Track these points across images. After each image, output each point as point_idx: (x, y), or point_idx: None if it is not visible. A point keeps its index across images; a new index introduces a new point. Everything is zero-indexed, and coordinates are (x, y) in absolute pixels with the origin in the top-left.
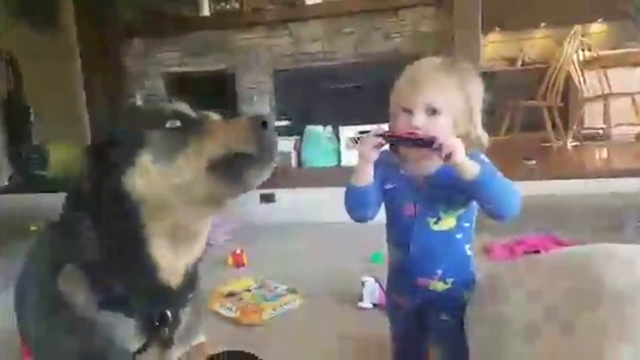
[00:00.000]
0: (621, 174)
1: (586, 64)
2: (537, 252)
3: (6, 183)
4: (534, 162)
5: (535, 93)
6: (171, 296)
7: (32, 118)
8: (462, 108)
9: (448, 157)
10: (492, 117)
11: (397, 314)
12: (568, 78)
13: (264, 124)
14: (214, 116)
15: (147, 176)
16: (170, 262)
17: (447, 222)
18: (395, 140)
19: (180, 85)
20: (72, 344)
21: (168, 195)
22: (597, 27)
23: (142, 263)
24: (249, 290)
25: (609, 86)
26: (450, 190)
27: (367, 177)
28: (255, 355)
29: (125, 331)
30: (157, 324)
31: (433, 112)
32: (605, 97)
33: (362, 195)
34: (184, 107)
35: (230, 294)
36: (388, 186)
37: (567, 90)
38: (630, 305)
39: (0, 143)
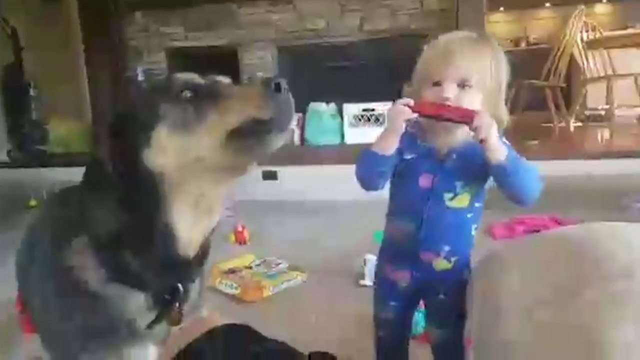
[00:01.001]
0: (622, 155)
1: (590, 45)
2: (537, 231)
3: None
4: (536, 142)
5: (539, 73)
6: (186, 269)
7: (32, 92)
8: (491, 83)
9: (483, 139)
10: None
11: (390, 293)
12: (571, 59)
13: (277, 87)
14: (224, 80)
15: (165, 151)
16: (189, 234)
17: (462, 200)
18: (429, 116)
19: (183, 60)
20: (81, 318)
21: (188, 168)
22: (602, 8)
23: (162, 236)
24: (250, 267)
25: (612, 67)
26: (472, 166)
27: (392, 146)
28: (254, 329)
29: (136, 306)
30: (168, 297)
31: (464, 85)
32: (608, 78)
33: (382, 164)
34: (194, 77)
35: (231, 271)
36: (407, 156)
37: (570, 70)
38: (630, 284)
39: (0, 117)
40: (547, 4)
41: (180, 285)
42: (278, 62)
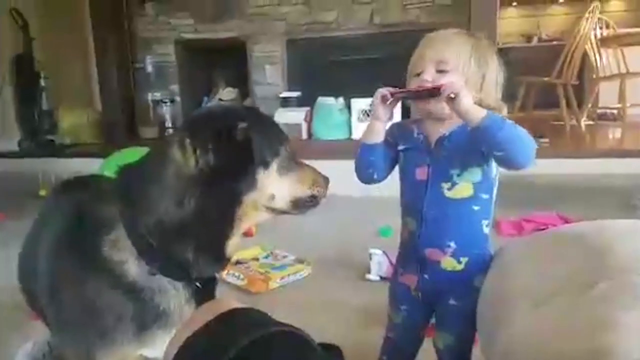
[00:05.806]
0: (633, 154)
1: (604, 42)
2: (545, 229)
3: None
4: (546, 140)
5: (551, 70)
6: (226, 264)
7: (42, 83)
8: (474, 72)
9: (452, 99)
10: (506, 94)
11: (401, 297)
12: (584, 56)
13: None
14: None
15: (268, 180)
16: (236, 240)
17: (463, 190)
18: (400, 93)
19: (192, 52)
20: (116, 309)
21: (264, 201)
22: (616, 5)
23: (223, 239)
24: (257, 259)
25: (626, 65)
26: (466, 151)
27: (376, 134)
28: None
29: (175, 295)
30: (207, 285)
31: (442, 70)
32: (621, 77)
33: (370, 153)
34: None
35: (238, 262)
36: (401, 147)
37: (582, 68)
38: None
39: (11, 107)
40: (561, 0)
41: (218, 276)
42: (287, 55)
